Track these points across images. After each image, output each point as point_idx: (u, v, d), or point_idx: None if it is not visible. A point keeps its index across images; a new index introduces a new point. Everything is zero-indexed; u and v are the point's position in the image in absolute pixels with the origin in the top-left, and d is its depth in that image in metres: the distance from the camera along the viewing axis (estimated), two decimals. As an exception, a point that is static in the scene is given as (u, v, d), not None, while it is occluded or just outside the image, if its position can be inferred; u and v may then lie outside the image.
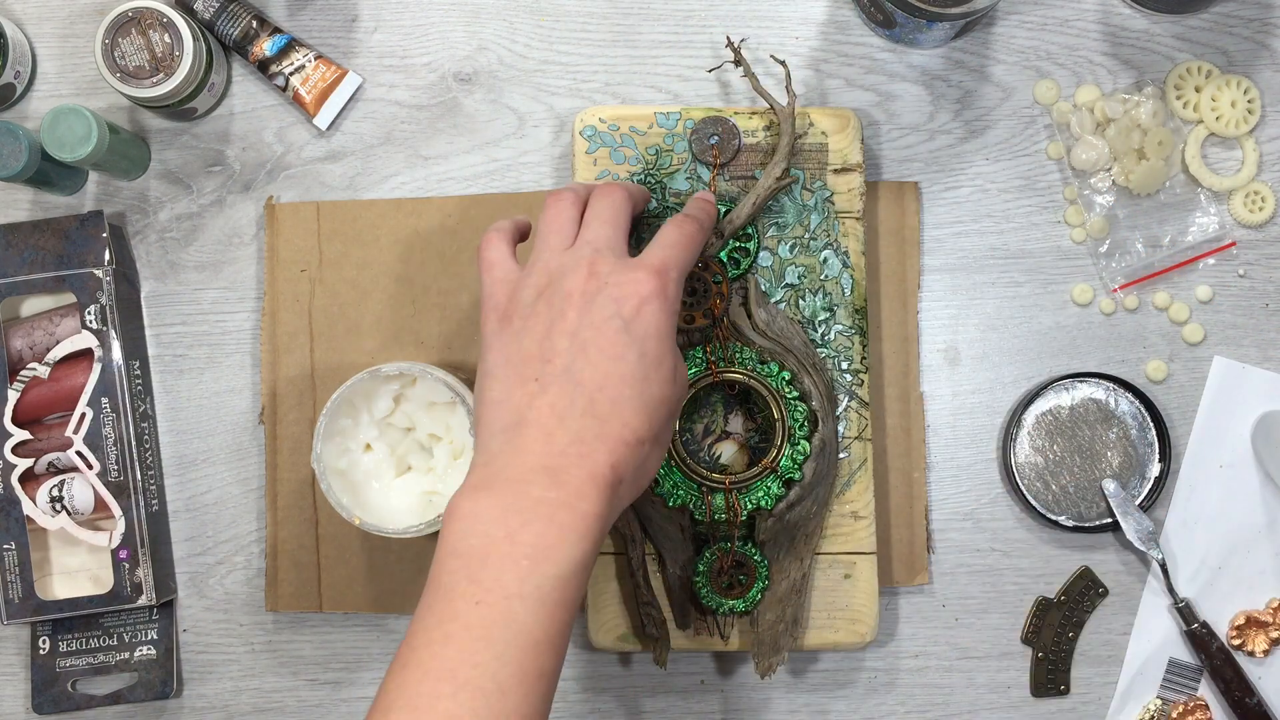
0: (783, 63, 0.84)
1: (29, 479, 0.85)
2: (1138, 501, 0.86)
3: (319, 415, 0.79)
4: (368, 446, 0.83)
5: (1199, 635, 0.85)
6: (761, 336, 0.82)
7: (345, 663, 0.88)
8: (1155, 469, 0.86)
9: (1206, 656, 0.85)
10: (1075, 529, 0.86)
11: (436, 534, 0.80)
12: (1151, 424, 0.86)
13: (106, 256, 0.85)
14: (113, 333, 0.84)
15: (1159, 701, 0.87)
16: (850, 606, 0.83)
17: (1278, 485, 0.87)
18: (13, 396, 0.84)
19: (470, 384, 0.83)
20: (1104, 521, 0.86)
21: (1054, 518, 0.86)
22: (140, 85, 0.83)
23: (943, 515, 0.88)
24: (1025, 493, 0.86)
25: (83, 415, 0.84)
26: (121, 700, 0.86)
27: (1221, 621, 0.87)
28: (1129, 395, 0.86)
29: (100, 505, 0.84)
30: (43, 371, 0.84)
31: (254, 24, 0.87)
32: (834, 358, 0.84)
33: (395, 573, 0.87)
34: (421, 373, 0.80)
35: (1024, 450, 0.87)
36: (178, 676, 0.87)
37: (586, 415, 0.64)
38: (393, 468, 0.83)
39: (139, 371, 0.87)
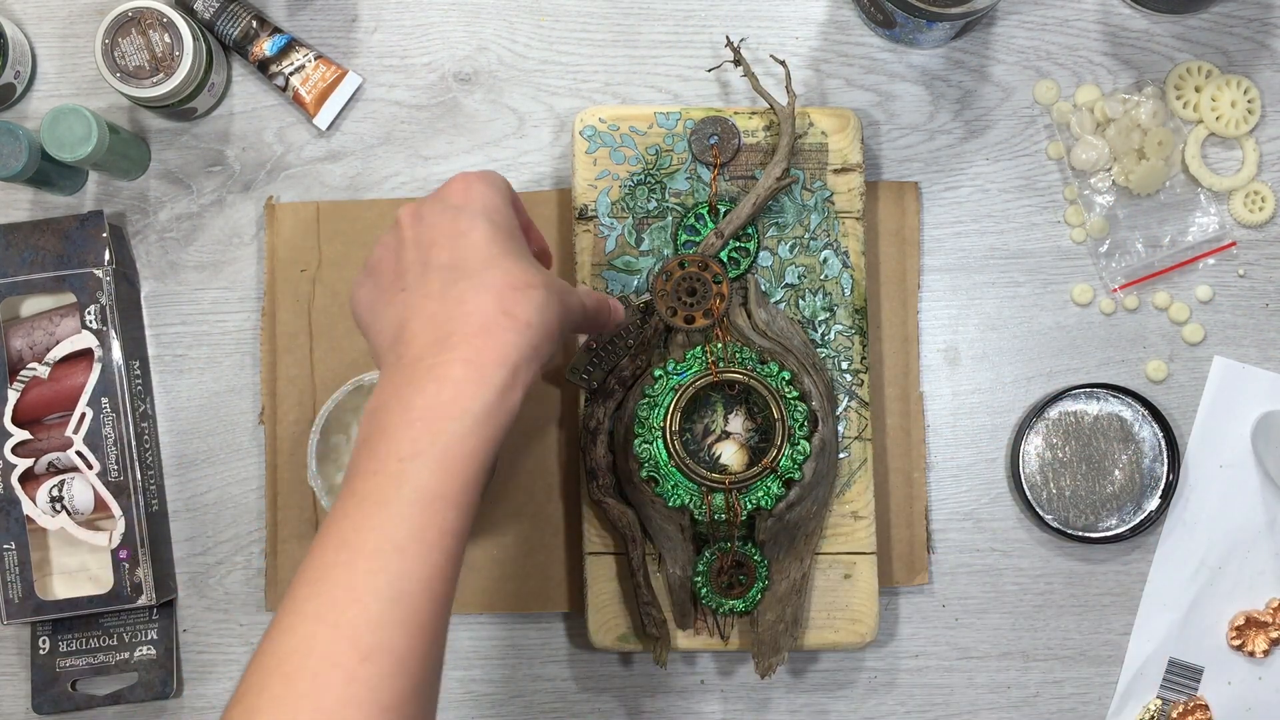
0: (783, 63, 0.84)
1: (29, 479, 0.85)
2: (1119, 530, 0.86)
3: (316, 418, 0.79)
4: None
5: None
6: (761, 336, 0.82)
7: (345, 663, 0.88)
8: (1153, 502, 0.87)
9: None
10: (1058, 531, 0.86)
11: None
12: (1166, 461, 0.86)
13: (106, 256, 0.85)
14: (113, 333, 0.84)
15: (1159, 701, 0.87)
16: (850, 606, 0.83)
17: (1278, 485, 0.87)
18: (13, 396, 0.84)
19: None
20: (1085, 535, 0.86)
21: (1041, 515, 0.86)
22: (140, 85, 0.83)
23: (942, 515, 0.88)
24: (1023, 481, 0.86)
25: (83, 415, 0.84)
26: (121, 700, 0.86)
27: (1221, 621, 0.87)
28: (1155, 425, 0.86)
29: (100, 505, 0.84)
30: (43, 371, 0.84)
31: (254, 24, 0.87)
32: (834, 358, 0.84)
33: (395, 573, 0.87)
34: None
35: (1036, 441, 0.87)
36: (178, 676, 0.87)
37: (460, 281, 0.62)
38: None
39: (139, 371, 0.87)
